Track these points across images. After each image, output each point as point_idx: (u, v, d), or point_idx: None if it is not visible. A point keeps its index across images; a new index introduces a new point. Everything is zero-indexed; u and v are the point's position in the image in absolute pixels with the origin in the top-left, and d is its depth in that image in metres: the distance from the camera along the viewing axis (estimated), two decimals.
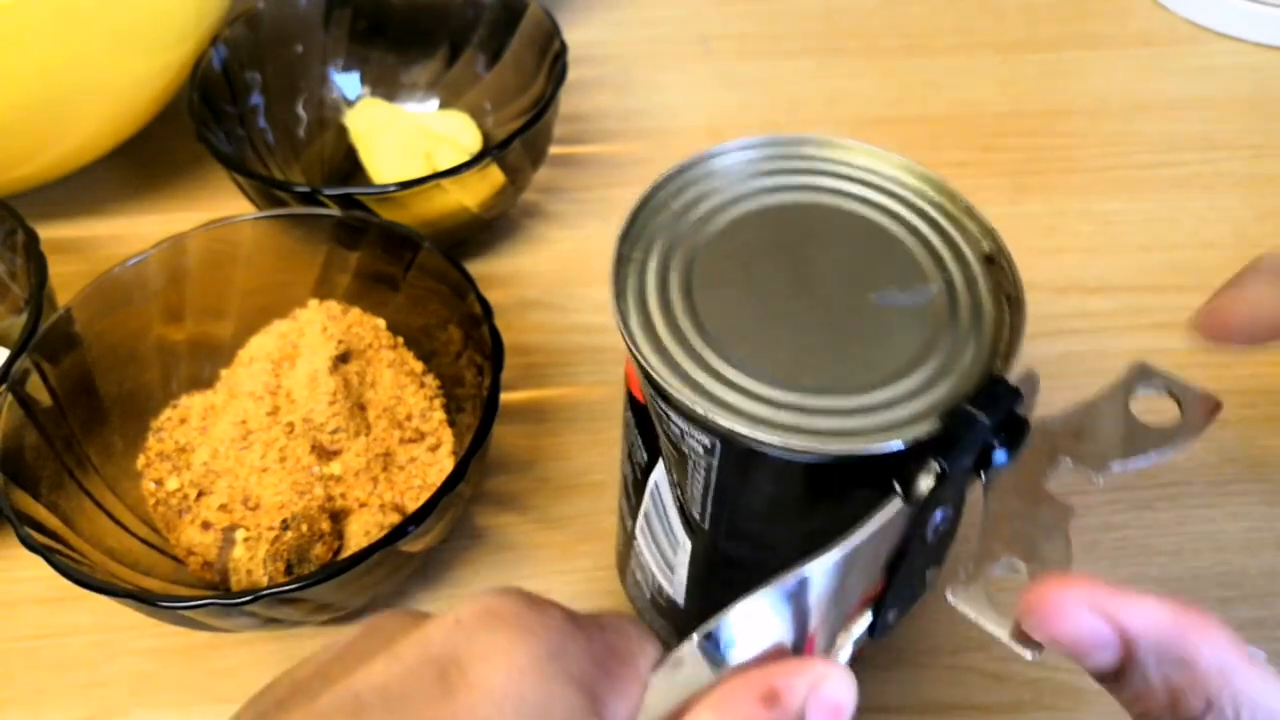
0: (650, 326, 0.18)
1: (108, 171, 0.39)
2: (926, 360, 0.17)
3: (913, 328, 0.18)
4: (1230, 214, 0.38)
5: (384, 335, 0.31)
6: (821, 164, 0.21)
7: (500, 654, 0.13)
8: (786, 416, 0.16)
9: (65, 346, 0.28)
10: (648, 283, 0.19)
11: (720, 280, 0.19)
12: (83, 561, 0.25)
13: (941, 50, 0.45)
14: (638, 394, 0.19)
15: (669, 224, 0.20)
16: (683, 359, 0.17)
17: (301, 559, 0.26)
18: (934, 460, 0.15)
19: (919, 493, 0.16)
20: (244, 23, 0.37)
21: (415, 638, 0.14)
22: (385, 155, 0.37)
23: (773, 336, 0.18)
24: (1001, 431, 0.16)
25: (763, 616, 0.14)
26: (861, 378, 0.17)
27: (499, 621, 0.13)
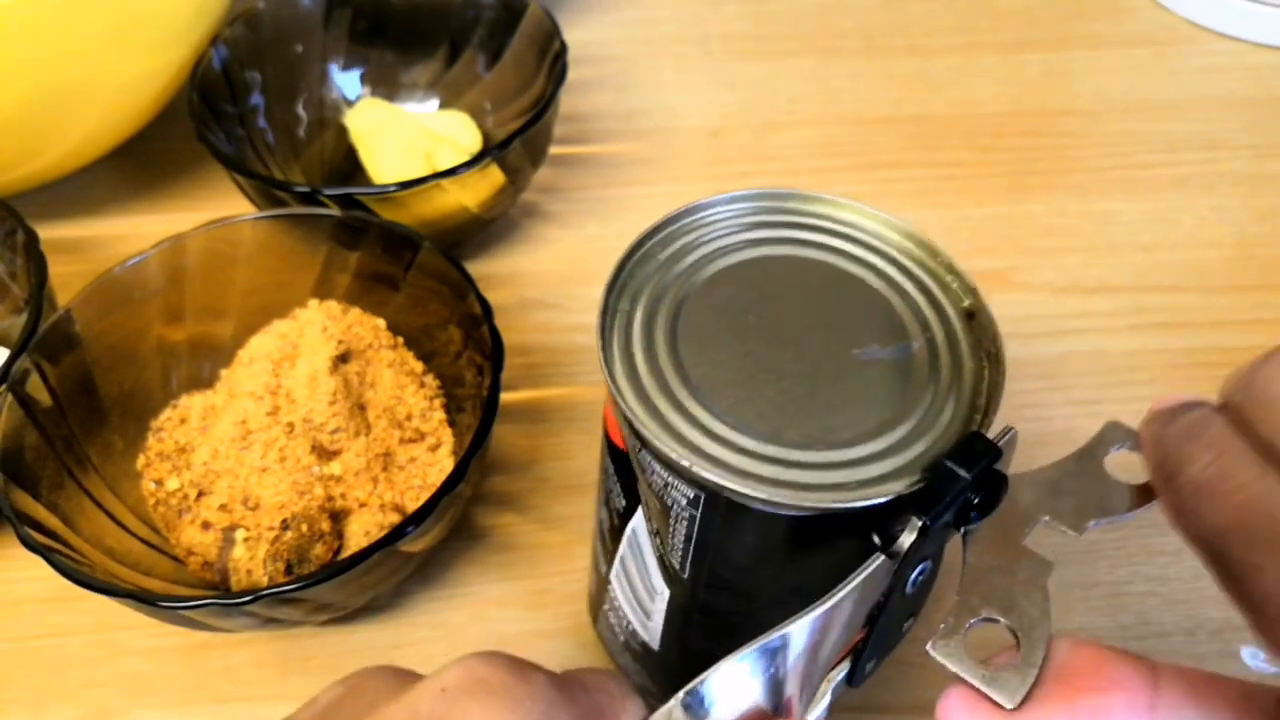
0: (635, 376, 0.18)
1: (108, 171, 0.39)
2: (908, 415, 0.18)
3: (894, 383, 0.18)
4: (1230, 214, 0.38)
5: (384, 335, 0.31)
6: (807, 219, 0.21)
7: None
8: (770, 470, 0.17)
9: (65, 346, 0.28)
10: (633, 333, 0.19)
11: (705, 332, 0.19)
12: (82, 561, 0.25)
13: (941, 50, 0.45)
14: (618, 441, 0.19)
15: (656, 274, 0.20)
16: (667, 410, 0.18)
17: (301, 559, 0.26)
18: (915, 516, 0.16)
19: (900, 548, 0.16)
20: (244, 22, 0.37)
21: (402, 705, 0.13)
22: (385, 155, 0.37)
23: (756, 389, 0.18)
24: (981, 488, 0.16)
25: (744, 676, 0.14)
26: (844, 432, 0.17)
27: (485, 692, 0.13)
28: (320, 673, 0.27)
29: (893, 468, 0.17)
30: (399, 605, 0.29)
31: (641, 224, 0.40)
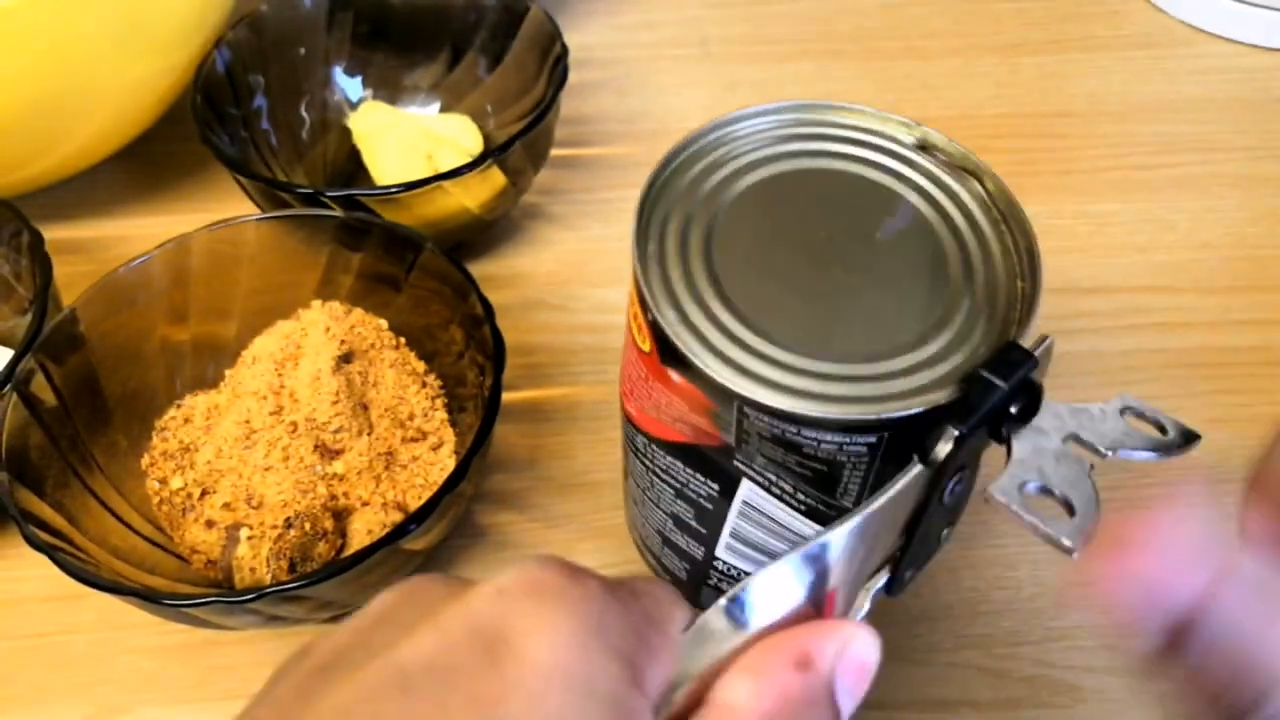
0: (697, 331, 0.18)
1: (112, 173, 0.39)
2: (945, 327, 0.18)
3: (930, 294, 0.18)
4: (1226, 215, 0.38)
5: (386, 335, 0.31)
6: (836, 129, 0.21)
7: (545, 627, 0.13)
8: (816, 385, 0.17)
9: (70, 346, 0.28)
10: (668, 247, 0.19)
11: (740, 251, 0.19)
12: (87, 560, 0.25)
13: (938, 53, 0.45)
14: (676, 437, 0.19)
15: (685, 193, 0.20)
16: (758, 365, 0.18)
17: (305, 557, 0.27)
18: (951, 425, 0.16)
19: (936, 457, 0.16)
20: (247, 25, 0.37)
21: (458, 608, 0.13)
22: (387, 157, 0.37)
23: (797, 306, 0.18)
24: (1018, 397, 0.17)
25: (786, 581, 0.15)
26: (881, 345, 0.18)
27: (542, 593, 0.13)
28: None
29: (931, 379, 0.17)
30: None
31: None
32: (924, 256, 0.19)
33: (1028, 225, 0.19)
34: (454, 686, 0.12)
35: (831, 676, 0.14)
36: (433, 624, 0.13)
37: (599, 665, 0.13)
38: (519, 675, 0.13)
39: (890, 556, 0.18)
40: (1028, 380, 0.17)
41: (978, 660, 0.27)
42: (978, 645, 0.27)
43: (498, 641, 0.13)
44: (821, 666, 0.14)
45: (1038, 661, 0.27)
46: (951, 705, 0.26)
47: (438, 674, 0.13)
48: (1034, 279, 0.19)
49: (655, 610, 0.14)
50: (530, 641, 0.13)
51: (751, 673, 0.14)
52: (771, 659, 0.14)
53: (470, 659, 0.13)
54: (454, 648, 0.13)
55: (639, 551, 0.28)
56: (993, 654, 0.27)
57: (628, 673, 0.13)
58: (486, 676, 0.13)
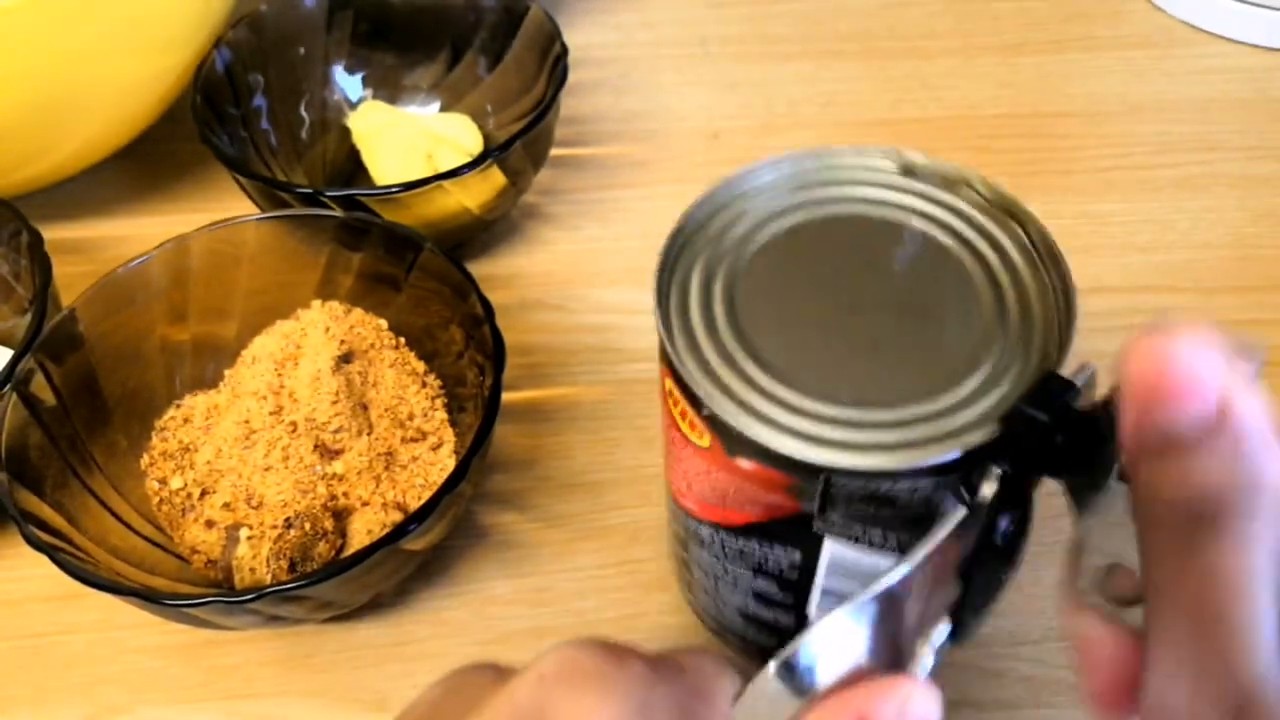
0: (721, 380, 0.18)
1: (112, 173, 0.39)
2: (980, 364, 0.17)
3: (962, 331, 0.18)
4: (1226, 215, 0.38)
5: (386, 335, 0.31)
6: (849, 173, 0.21)
7: (586, 713, 0.13)
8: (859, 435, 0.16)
9: (69, 346, 0.28)
10: (694, 325, 0.19)
11: (769, 313, 0.18)
12: (87, 560, 0.25)
13: (939, 53, 0.45)
14: (748, 518, 0.19)
15: (704, 251, 0.20)
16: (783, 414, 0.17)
17: (305, 557, 0.27)
18: (994, 465, 0.15)
19: (982, 499, 0.15)
20: (247, 25, 0.37)
21: (502, 699, 0.13)
22: (387, 157, 0.37)
23: (847, 362, 0.17)
24: (1063, 428, 0.16)
25: (839, 637, 0.14)
26: (915, 387, 0.17)
27: (582, 678, 0.13)
28: (323, 670, 0.28)
29: (971, 419, 0.16)
30: (401, 603, 0.29)
31: (641, 225, 0.40)
32: (955, 294, 0.19)
33: (1060, 258, 0.19)
34: None
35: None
36: (477, 714, 0.13)
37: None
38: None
39: (951, 604, 0.17)
40: (1071, 411, 0.16)
41: (977, 660, 0.27)
42: (977, 645, 0.27)
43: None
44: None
45: (1037, 661, 0.27)
46: (951, 705, 0.26)
47: None
48: (1069, 304, 0.18)
49: (702, 684, 0.14)
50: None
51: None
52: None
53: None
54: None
55: (717, 637, 0.26)
56: (992, 654, 0.27)
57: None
58: None
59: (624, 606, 0.28)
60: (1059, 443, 0.16)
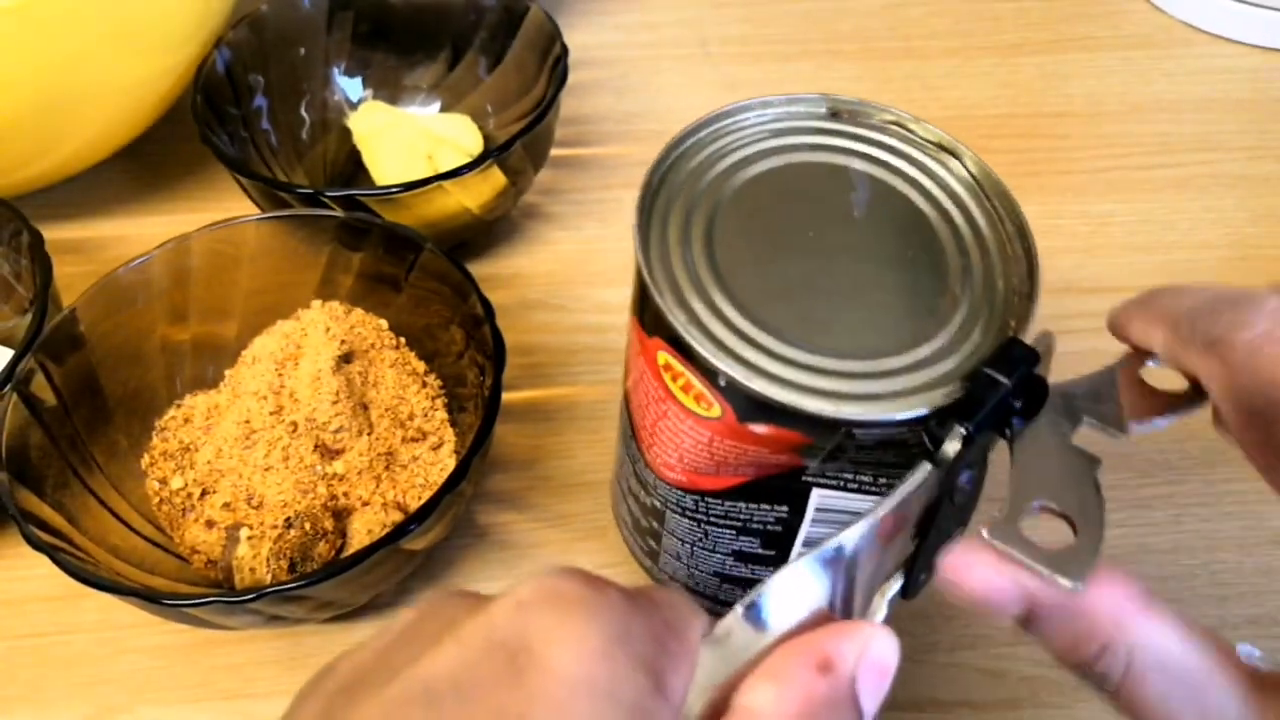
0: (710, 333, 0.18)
1: (112, 173, 0.40)
2: (944, 326, 0.18)
3: (927, 292, 0.18)
4: (1226, 215, 0.38)
5: (386, 335, 0.31)
6: (835, 123, 0.21)
7: (568, 637, 0.13)
8: (813, 380, 0.17)
9: (70, 346, 0.28)
10: (670, 234, 0.19)
11: (743, 244, 0.19)
12: (87, 560, 0.25)
13: (938, 53, 0.45)
14: (737, 480, 0.19)
15: (685, 185, 0.20)
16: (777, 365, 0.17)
17: (305, 557, 0.27)
18: (958, 424, 0.16)
19: (945, 456, 0.16)
20: (247, 25, 0.37)
21: (479, 621, 0.13)
22: (388, 157, 0.37)
23: (800, 303, 0.18)
24: (1021, 392, 0.16)
25: (802, 584, 0.15)
26: (880, 343, 0.17)
27: (563, 603, 0.13)
28: None
29: (931, 378, 0.17)
30: (402, 603, 0.29)
31: None
32: (923, 252, 0.19)
33: (1020, 214, 0.19)
34: (479, 700, 0.12)
35: (853, 678, 0.14)
36: (454, 639, 0.13)
37: (623, 673, 0.13)
38: (543, 686, 0.13)
39: (904, 560, 0.18)
40: (1031, 376, 0.17)
41: (976, 660, 0.27)
42: (976, 645, 0.27)
43: (520, 652, 0.13)
44: (843, 669, 0.14)
45: (1037, 661, 0.27)
46: (950, 706, 0.26)
47: (462, 688, 0.13)
48: (1032, 278, 0.18)
49: (675, 619, 0.14)
50: (553, 651, 0.13)
51: (774, 677, 0.14)
52: (793, 662, 0.14)
53: (494, 672, 0.13)
54: (477, 661, 0.13)
55: None
56: (991, 654, 0.27)
57: (651, 680, 0.13)
58: (511, 688, 0.13)
59: None
60: (1017, 407, 0.16)
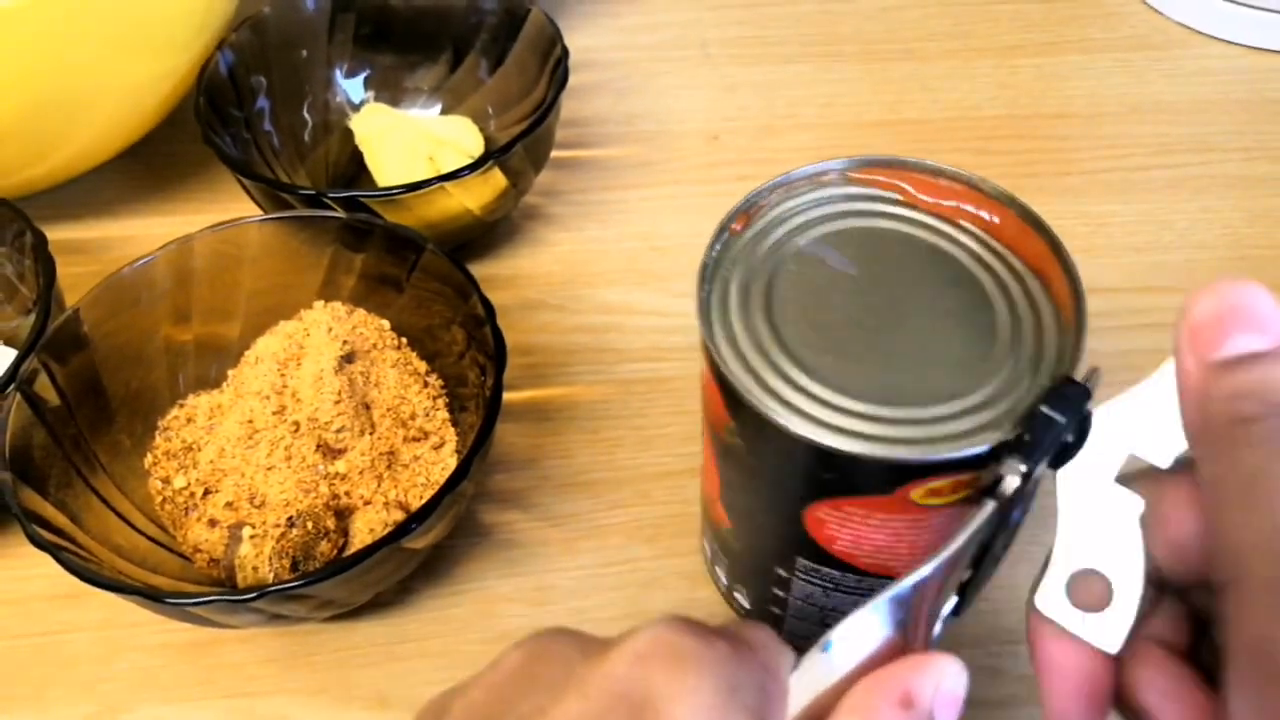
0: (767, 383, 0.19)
1: (115, 174, 0.40)
2: (995, 374, 0.19)
3: (979, 344, 0.19)
4: (1223, 216, 0.38)
5: (388, 336, 0.32)
6: (886, 190, 0.22)
7: (687, 692, 0.14)
8: (877, 429, 0.18)
9: (73, 347, 0.28)
10: (731, 315, 0.20)
11: (801, 308, 0.20)
12: (90, 559, 0.25)
13: (937, 55, 0.45)
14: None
15: (743, 254, 0.21)
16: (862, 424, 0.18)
17: (307, 556, 0.27)
18: (1019, 461, 0.17)
19: (1004, 493, 0.17)
20: (250, 28, 0.37)
21: (600, 674, 0.14)
22: (389, 159, 0.38)
23: (858, 356, 0.19)
24: (1076, 428, 0.17)
25: (877, 620, 0.16)
26: (939, 389, 0.18)
27: (679, 658, 0.14)
28: (325, 669, 0.28)
29: (989, 419, 0.18)
30: (403, 601, 0.29)
31: (642, 227, 0.41)
32: (971, 311, 0.20)
33: (1073, 271, 0.20)
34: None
35: (932, 712, 0.15)
36: (578, 690, 0.14)
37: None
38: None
39: (961, 584, 0.19)
40: (1086, 412, 0.17)
41: (974, 658, 0.27)
42: (974, 643, 0.27)
43: (644, 706, 0.14)
44: (922, 705, 0.15)
45: None
46: None
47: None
48: (1079, 316, 0.19)
49: (769, 660, 0.15)
50: (675, 707, 0.14)
51: (860, 713, 0.15)
52: (876, 699, 0.15)
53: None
54: (603, 713, 0.14)
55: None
56: (989, 651, 0.27)
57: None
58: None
59: (624, 605, 0.28)
60: (1069, 442, 0.17)
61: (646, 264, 0.37)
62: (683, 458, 0.32)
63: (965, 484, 0.19)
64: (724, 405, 0.20)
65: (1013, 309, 0.20)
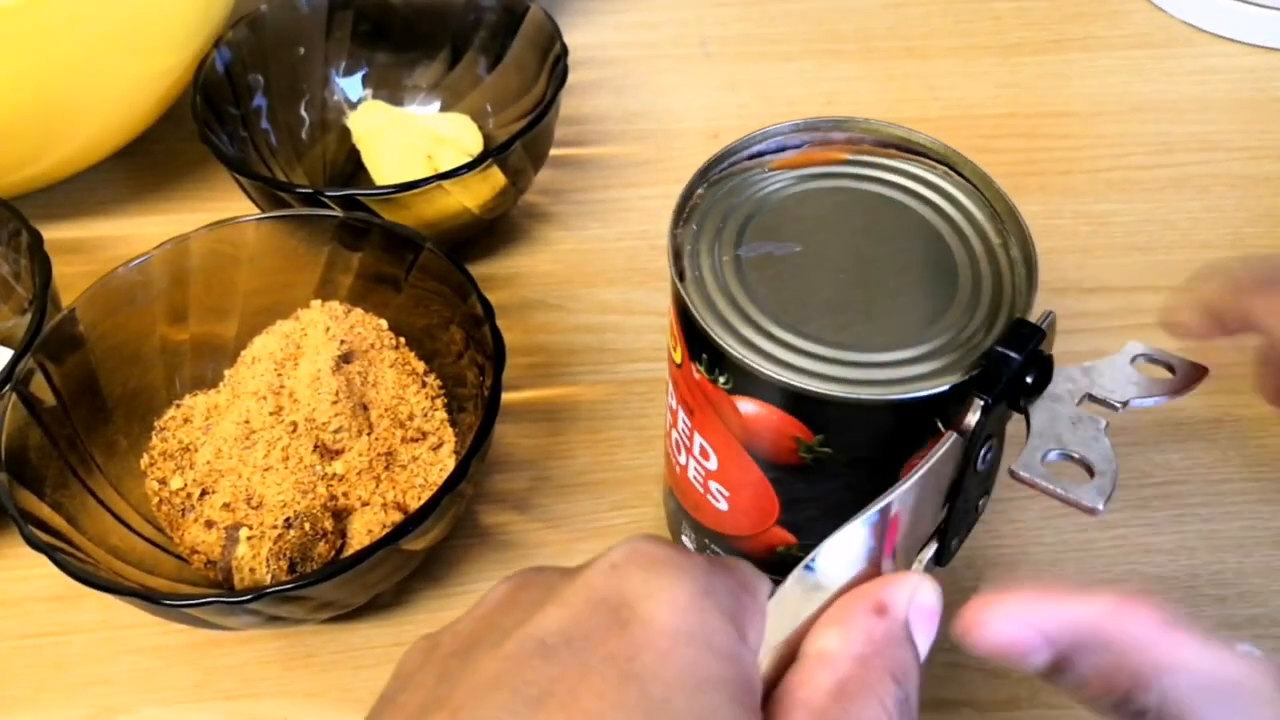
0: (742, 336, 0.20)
1: (112, 173, 0.39)
2: (955, 319, 0.20)
3: (940, 292, 0.20)
4: (1225, 215, 0.38)
5: (386, 335, 0.31)
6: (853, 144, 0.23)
7: (663, 591, 0.14)
8: (844, 371, 0.19)
9: (69, 346, 0.28)
10: (701, 251, 0.21)
11: (775, 263, 0.21)
12: (87, 560, 0.25)
13: (939, 52, 0.45)
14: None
15: (717, 203, 0.22)
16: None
17: (304, 557, 0.27)
18: (977, 396, 0.18)
19: (968, 426, 0.18)
20: (247, 25, 0.37)
21: (577, 584, 0.15)
22: (387, 157, 0.37)
23: (829, 305, 0.20)
24: (1032, 365, 0.19)
25: (852, 545, 0.16)
26: (903, 334, 0.20)
27: (653, 563, 0.15)
28: (323, 670, 0.28)
29: (950, 360, 0.19)
30: (402, 603, 0.29)
31: (642, 225, 0.40)
32: (932, 256, 0.21)
33: (1025, 228, 0.21)
34: (591, 649, 0.14)
35: (907, 619, 0.15)
36: (557, 601, 0.14)
37: (713, 624, 0.14)
38: (646, 635, 0.14)
39: (936, 528, 0.20)
40: (1038, 351, 0.19)
41: (977, 660, 0.27)
42: None
43: (621, 608, 0.14)
44: (897, 611, 0.15)
45: None
46: (951, 705, 0.26)
47: (573, 640, 0.14)
48: (1029, 265, 0.20)
49: (746, 579, 0.16)
50: (651, 605, 0.14)
51: (837, 623, 0.15)
52: (852, 609, 0.16)
53: (600, 625, 0.14)
54: (582, 618, 0.14)
55: None
56: None
57: (736, 631, 0.14)
58: (618, 638, 0.14)
59: None
60: (1028, 379, 0.19)
61: (646, 263, 0.37)
62: None
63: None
64: (806, 424, 0.20)
65: (973, 261, 0.21)
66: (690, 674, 0.13)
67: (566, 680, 0.13)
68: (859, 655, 0.15)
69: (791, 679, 0.15)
